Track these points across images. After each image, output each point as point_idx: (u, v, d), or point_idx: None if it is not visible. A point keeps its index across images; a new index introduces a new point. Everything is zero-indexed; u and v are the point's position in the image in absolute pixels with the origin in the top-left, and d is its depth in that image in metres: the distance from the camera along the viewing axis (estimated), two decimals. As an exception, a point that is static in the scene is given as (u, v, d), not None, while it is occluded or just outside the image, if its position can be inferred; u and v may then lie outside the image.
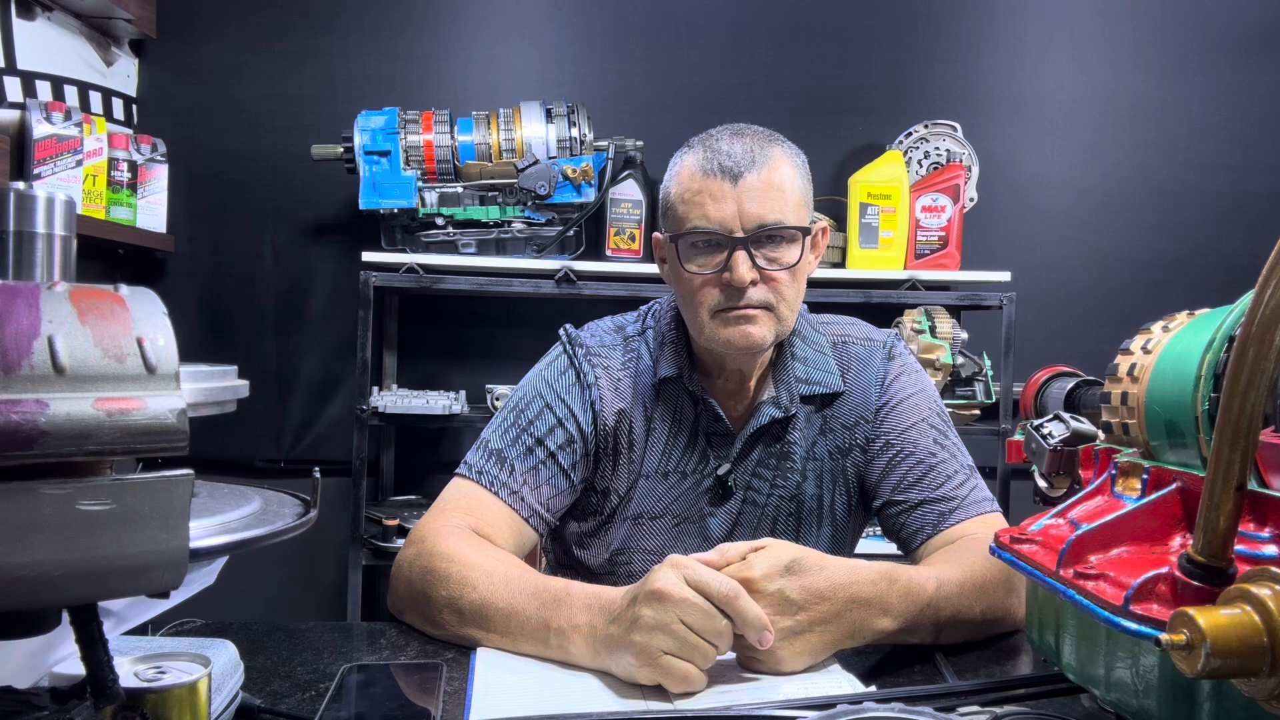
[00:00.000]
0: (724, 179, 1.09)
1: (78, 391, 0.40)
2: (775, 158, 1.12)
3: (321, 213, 2.51)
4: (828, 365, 1.22)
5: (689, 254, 1.12)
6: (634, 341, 1.24)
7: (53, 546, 0.40)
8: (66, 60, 2.22)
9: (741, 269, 1.08)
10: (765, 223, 1.09)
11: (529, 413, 1.19)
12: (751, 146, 1.11)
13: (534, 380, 1.23)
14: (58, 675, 0.61)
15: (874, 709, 0.66)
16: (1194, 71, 2.65)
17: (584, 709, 0.76)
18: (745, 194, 1.09)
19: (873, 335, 1.26)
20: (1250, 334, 0.51)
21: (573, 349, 1.23)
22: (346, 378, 2.47)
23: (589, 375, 1.21)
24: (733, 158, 1.10)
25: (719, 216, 1.09)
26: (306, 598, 2.58)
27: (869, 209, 2.35)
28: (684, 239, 1.12)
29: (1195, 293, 1.10)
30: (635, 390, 1.21)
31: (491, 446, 1.17)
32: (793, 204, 1.11)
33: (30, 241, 0.49)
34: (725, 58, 2.58)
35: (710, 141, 1.13)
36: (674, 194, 1.14)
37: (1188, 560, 0.56)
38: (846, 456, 1.22)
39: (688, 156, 1.14)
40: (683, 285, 1.14)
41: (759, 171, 1.09)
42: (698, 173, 1.11)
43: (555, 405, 1.19)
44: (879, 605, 0.88)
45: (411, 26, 2.52)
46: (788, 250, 1.11)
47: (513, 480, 1.14)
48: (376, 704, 0.81)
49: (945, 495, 1.14)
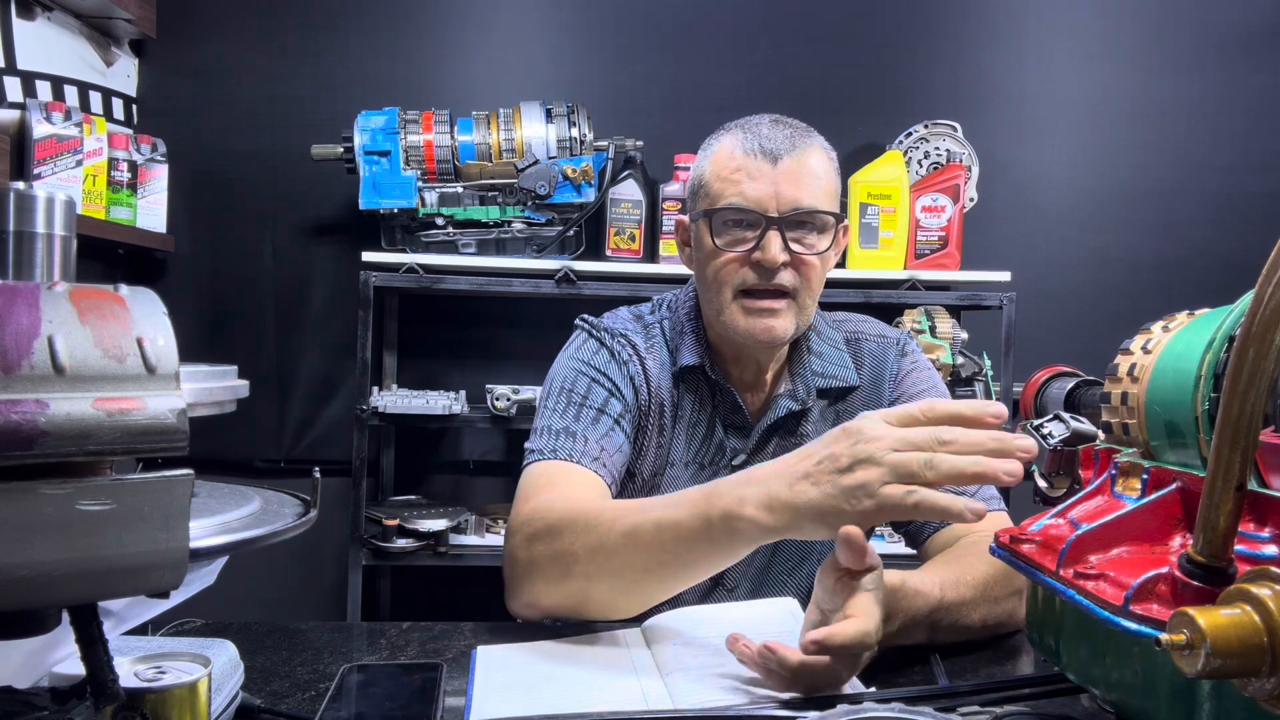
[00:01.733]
0: (764, 159, 1.11)
1: (78, 391, 0.40)
2: (813, 147, 1.14)
3: (321, 213, 2.52)
4: (843, 360, 1.24)
5: (721, 231, 1.13)
6: (654, 329, 1.24)
7: (53, 546, 0.40)
8: (66, 60, 2.22)
9: (774, 248, 1.09)
10: (800, 206, 1.11)
11: (579, 389, 1.17)
12: (791, 134, 1.14)
13: (568, 364, 1.21)
14: (58, 675, 0.61)
15: (874, 709, 0.66)
16: (1194, 71, 2.65)
17: (584, 709, 0.76)
18: (783, 176, 1.10)
19: (885, 333, 1.28)
20: (1250, 334, 0.51)
21: (598, 333, 1.23)
22: (346, 378, 2.47)
23: (622, 353, 1.21)
24: (774, 141, 1.12)
25: (755, 195, 1.10)
26: (306, 598, 2.58)
27: (869, 209, 2.34)
28: (718, 215, 1.13)
29: (1195, 293, 1.10)
30: (660, 375, 1.21)
31: (555, 428, 1.14)
32: (826, 193, 1.14)
33: (30, 241, 0.49)
34: (725, 58, 2.58)
35: (750, 125, 1.15)
36: (709, 172, 1.15)
37: (1188, 560, 0.56)
38: None
39: (726, 136, 1.16)
40: (708, 264, 1.14)
41: (798, 157, 1.12)
42: (738, 151, 1.13)
43: (600, 379, 1.18)
44: (887, 610, 0.87)
45: (411, 26, 2.52)
46: (819, 237, 1.13)
47: (590, 448, 1.12)
48: (376, 704, 0.81)
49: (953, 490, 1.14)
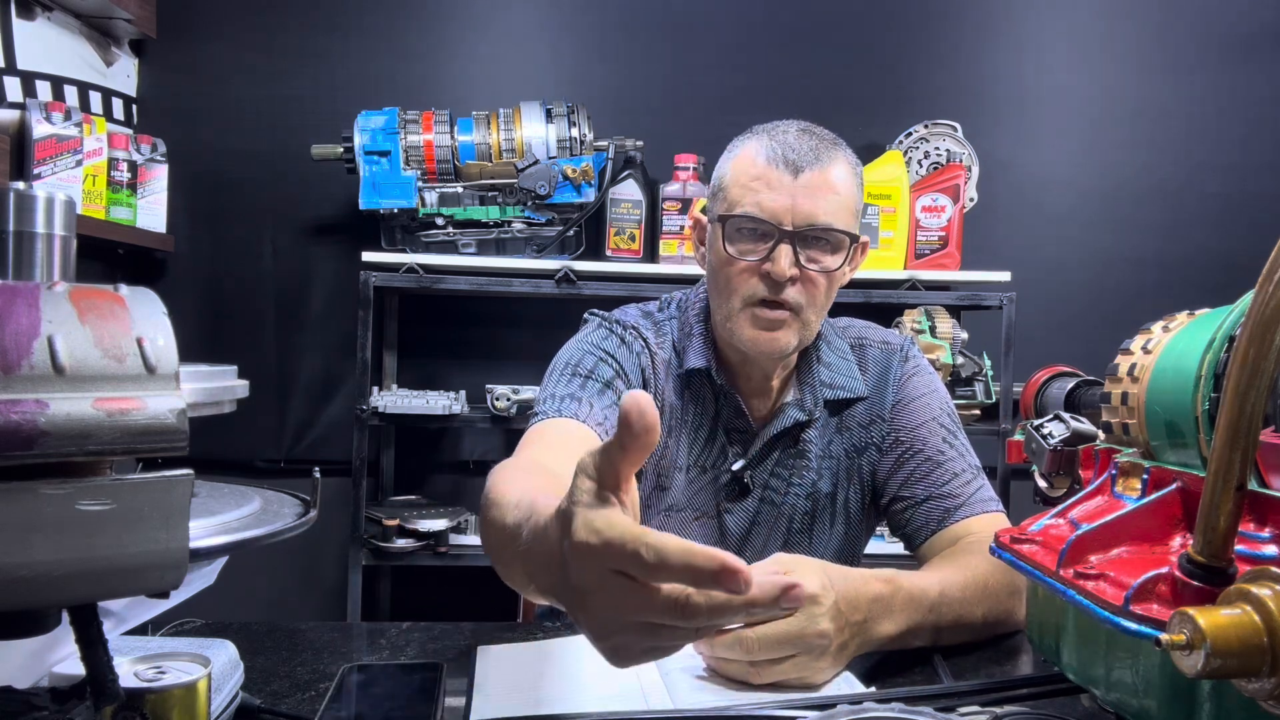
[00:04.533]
0: (785, 170, 1.08)
1: (78, 391, 0.40)
2: (838, 161, 1.11)
3: (321, 213, 2.52)
4: (852, 370, 1.23)
5: (734, 238, 1.11)
6: (664, 327, 1.23)
7: (53, 546, 0.40)
8: (66, 60, 2.22)
9: (783, 262, 1.08)
10: (816, 222, 1.08)
11: (585, 364, 1.15)
12: (817, 145, 1.11)
13: (576, 346, 1.19)
14: (58, 675, 0.61)
15: (874, 709, 0.66)
16: (1194, 71, 2.65)
17: (584, 709, 0.76)
18: (802, 189, 1.08)
19: (889, 339, 1.28)
20: (1250, 334, 0.51)
21: (609, 323, 1.22)
22: (346, 378, 2.47)
23: (634, 344, 1.20)
24: (798, 151, 1.09)
25: (772, 206, 1.08)
26: (306, 598, 2.58)
27: (869, 209, 2.34)
28: (732, 222, 1.11)
29: (1195, 293, 1.10)
30: (666, 373, 1.20)
31: (560, 394, 1.12)
32: (845, 209, 1.11)
33: (30, 241, 0.49)
34: (725, 58, 2.58)
35: (777, 132, 1.12)
36: (730, 176, 1.13)
37: (1188, 560, 0.56)
38: (862, 455, 1.22)
39: (751, 141, 1.13)
40: (720, 270, 1.13)
41: (820, 170, 1.09)
42: (760, 159, 1.10)
43: (608, 360, 1.16)
44: (883, 610, 0.88)
45: (411, 26, 2.52)
46: (832, 255, 1.11)
47: (594, 415, 1.09)
48: (376, 704, 0.81)
49: (950, 492, 1.14)
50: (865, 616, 0.85)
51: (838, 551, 1.23)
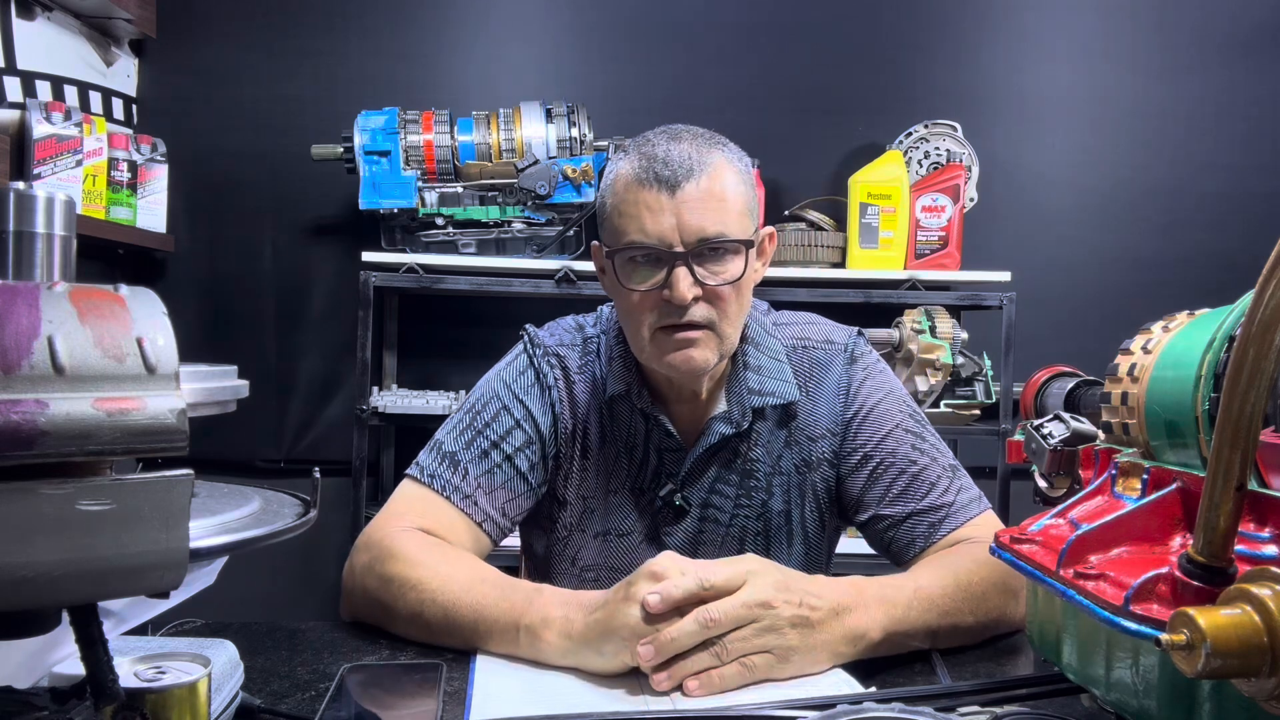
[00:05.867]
0: (661, 190, 1.02)
1: (77, 391, 0.40)
2: (716, 164, 1.04)
3: (321, 213, 2.52)
4: (783, 373, 1.16)
5: (627, 270, 1.05)
6: (592, 343, 1.20)
7: (53, 546, 0.40)
8: (66, 60, 2.22)
9: (682, 286, 1.01)
10: (706, 236, 1.02)
11: (485, 414, 1.15)
12: (690, 152, 1.03)
13: (492, 381, 1.19)
14: (58, 675, 0.61)
15: (874, 709, 0.66)
16: (1194, 72, 2.65)
17: (584, 709, 0.76)
18: (684, 205, 1.01)
19: (833, 337, 1.20)
20: (1250, 334, 0.51)
21: (533, 349, 1.19)
22: (346, 378, 2.47)
23: (549, 376, 1.17)
24: (670, 166, 1.02)
25: (657, 230, 1.02)
26: (306, 598, 2.58)
27: (869, 209, 2.35)
28: (621, 254, 1.05)
29: (1195, 293, 1.10)
30: (591, 398, 1.17)
31: (445, 449, 1.13)
32: (736, 213, 1.04)
33: (30, 241, 0.49)
34: (725, 58, 2.58)
35: (646, 147, 1.05)
36: (610, 205, 1.07)
37: (1188, 560, 0.56)
38: (814, 471, 1.17)
39: (622, 164, 1.06)
40: (622, 301, 1.08)
41: (699, 180, 1.02)
42: (633, 182, 1.03)
43: (513, 406, 1.15)
44: (856, 602, 0.87)
45: (411, 26, 2.52)
46: (731, 263, 1.04)
47: (466, 484, 1.10)
48: (376, 704, 0.81)
49: (933, 505, 1.09)
50: (834, 606, 0.85)
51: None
